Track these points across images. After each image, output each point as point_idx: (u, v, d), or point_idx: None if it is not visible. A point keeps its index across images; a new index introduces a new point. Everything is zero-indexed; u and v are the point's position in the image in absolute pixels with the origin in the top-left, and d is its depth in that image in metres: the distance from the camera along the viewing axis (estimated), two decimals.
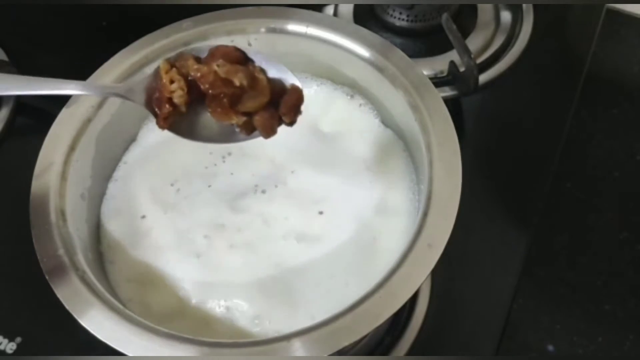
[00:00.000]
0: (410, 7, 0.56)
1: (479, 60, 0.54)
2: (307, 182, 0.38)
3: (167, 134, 0.34)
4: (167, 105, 0.31)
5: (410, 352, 0.42)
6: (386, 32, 0.57)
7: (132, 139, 0.41)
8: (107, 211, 0.38)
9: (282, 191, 0.38)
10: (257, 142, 0.37)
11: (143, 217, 0.38)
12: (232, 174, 0.39)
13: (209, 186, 0.39)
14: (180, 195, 0.38)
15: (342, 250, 0.36)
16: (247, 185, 0.38)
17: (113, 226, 0.38)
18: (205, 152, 0.39)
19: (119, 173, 0.40)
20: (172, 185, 0.39)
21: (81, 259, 0.32)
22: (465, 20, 0.57)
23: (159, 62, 0.39)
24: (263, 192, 0.38)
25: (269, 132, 0.32)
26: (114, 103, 0.38)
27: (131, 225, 0.37)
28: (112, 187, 0.39)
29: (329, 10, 0.59)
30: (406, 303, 0.29)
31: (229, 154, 0.40)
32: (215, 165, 0.39)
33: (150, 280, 0.35)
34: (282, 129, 0.33)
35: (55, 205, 0.33)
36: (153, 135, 0.41)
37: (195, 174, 0.39)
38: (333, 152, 0.40)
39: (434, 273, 0.30)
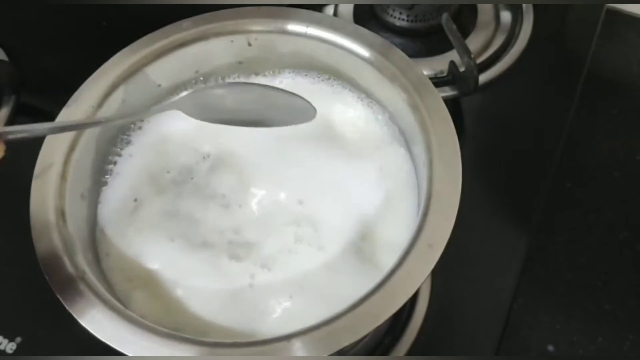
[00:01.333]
0: (410, 7, 0.56)
1: (479, 60, 0.54)
2: (279, 206, 0.38)
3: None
4: None
5: (410, 352, 0.42)
6: (386, 32, 0.57)
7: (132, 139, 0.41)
8: (105, 198, 0.38)
9: (248, 214, 0.38)
10: (238, 149, 0.39)
11: (135, 200, 0.38)
12: (207, 174, 0.39)
13: (191, 178, 0.39)
14: (174, 182, 0.39)
15: (341, 251, 0.36)
16: (217, 192, 0.38)
17: (108, 212, 0.38)
18: (192, 148, 0.40)
19: (117, 167, 0.40)
20: (168, 172, 0.39)
21: (81, 259, 0.32)
22: (465, 20, 0.57)
23: (159, 62, 0.39)
24: (226, 206, 0.38)
25: None
26: (113, 103, 0.38)
27: (126, 207, 0.38)
28: (111, 181, 0.39)
29: (329, 10, 0.59)
30: (406, 303, 0.29)
31: (208, 155, 0.40)
32: (198, 163, 0.40)
33: (145, 273, 0.36)
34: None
35: (55, 205, 0.33)
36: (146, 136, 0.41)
37: (186, 166, 0.40)
38: (331, 152, 0.39)
39: (434, 273, 0.30)
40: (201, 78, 0.42)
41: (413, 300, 0.44)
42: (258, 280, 0.35)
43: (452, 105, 0.53)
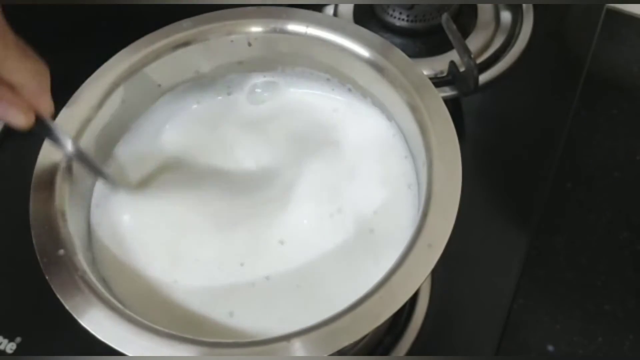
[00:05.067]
0: (410, 7, 0.56)
1: (479, 60, 0.54)
2: (277, 207, 0.38)
3: None
4: None
5: (410, 352, 0.42)
6: (386, 32, 0.57)
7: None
8: (102, 198, 0.38)
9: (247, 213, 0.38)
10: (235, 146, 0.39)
11: (133, 199, 0.38)
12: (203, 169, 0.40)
13: (190, 173, 0.40)
14: (173, 178, 0.39)
15: (340, 251, 0.36)
16: (214, 186, 0.39)
17: (106, 212, 0.38)
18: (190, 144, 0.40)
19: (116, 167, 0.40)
20: (166, 170, 0.40)
21: (81, 259, 0.32)
22: (465, 20, 0.57)
23: (159, 62, 0.39)
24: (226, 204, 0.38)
25: None
26: (114, 103, 0.38)
27: (124, 207, 0.38)
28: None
29: (329, 10, 0.59)
30: (406, 303, 0.29)
31: (204, 148, 0.40)
32: (194, 157, 0.40)
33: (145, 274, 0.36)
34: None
35: (55, 205, 0.33)
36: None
37: (183, 161, 0.40)
38: (330, 152, 0.40)
39: (434, 273, 0.30)
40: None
41: (413, 300, 0.44)
42: (259, 276, 0.35)
43: (452, 105, 0.53)
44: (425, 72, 0.48)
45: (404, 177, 0.38)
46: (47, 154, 0.35)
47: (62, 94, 0.37)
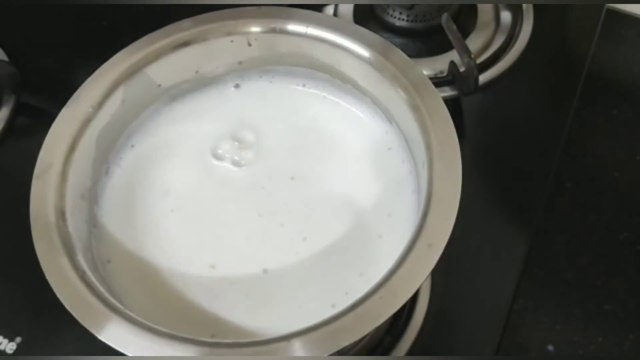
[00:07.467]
0: (410, 7, 0.56)
1: (479, 60, 0.54)
2: (276, 207, 0.38)
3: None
4: None
5: (410, 352, 0.42)
6: (386, 32, 0.57)
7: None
8: (104, 199, 0.38)
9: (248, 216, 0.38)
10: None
11: (136, 200, 0.38)
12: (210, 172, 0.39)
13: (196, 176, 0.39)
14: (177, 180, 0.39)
15: (340, 252, 0.36)
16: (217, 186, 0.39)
17: (108, 213, 0.38)
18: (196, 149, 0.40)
19: (117, 167, 0.40)
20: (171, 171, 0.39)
21: (81, 259, 0.32)
22: (465, 20, 0.57)
23: (159, 62, 0.39)
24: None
25: None
26: (114, 103, 0.38)
27: (125, 208, 0.38)
28: (111, 182, 0.39)
29: (329, 10, 0.59)
30: (406, 303, 0.29)
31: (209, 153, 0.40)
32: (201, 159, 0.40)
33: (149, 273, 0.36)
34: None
35: (55, 205, 0.33)
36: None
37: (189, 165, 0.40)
38: (329, 153, 0.40)
39: (434, 273, 0.30)
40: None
41: (413, 300, 0.44)
42: (260, 275, 0.35)
43: (452, 105, 0.53)
44: (425, 72, 0.48)
45: (404, 177, 0.38)
46: (47, 154, 0.35)
47: (62, 94, 0.37)
